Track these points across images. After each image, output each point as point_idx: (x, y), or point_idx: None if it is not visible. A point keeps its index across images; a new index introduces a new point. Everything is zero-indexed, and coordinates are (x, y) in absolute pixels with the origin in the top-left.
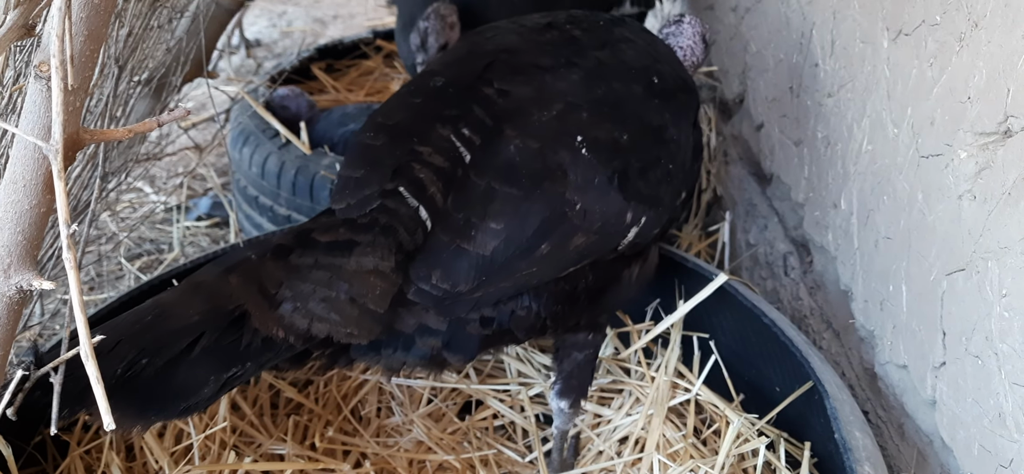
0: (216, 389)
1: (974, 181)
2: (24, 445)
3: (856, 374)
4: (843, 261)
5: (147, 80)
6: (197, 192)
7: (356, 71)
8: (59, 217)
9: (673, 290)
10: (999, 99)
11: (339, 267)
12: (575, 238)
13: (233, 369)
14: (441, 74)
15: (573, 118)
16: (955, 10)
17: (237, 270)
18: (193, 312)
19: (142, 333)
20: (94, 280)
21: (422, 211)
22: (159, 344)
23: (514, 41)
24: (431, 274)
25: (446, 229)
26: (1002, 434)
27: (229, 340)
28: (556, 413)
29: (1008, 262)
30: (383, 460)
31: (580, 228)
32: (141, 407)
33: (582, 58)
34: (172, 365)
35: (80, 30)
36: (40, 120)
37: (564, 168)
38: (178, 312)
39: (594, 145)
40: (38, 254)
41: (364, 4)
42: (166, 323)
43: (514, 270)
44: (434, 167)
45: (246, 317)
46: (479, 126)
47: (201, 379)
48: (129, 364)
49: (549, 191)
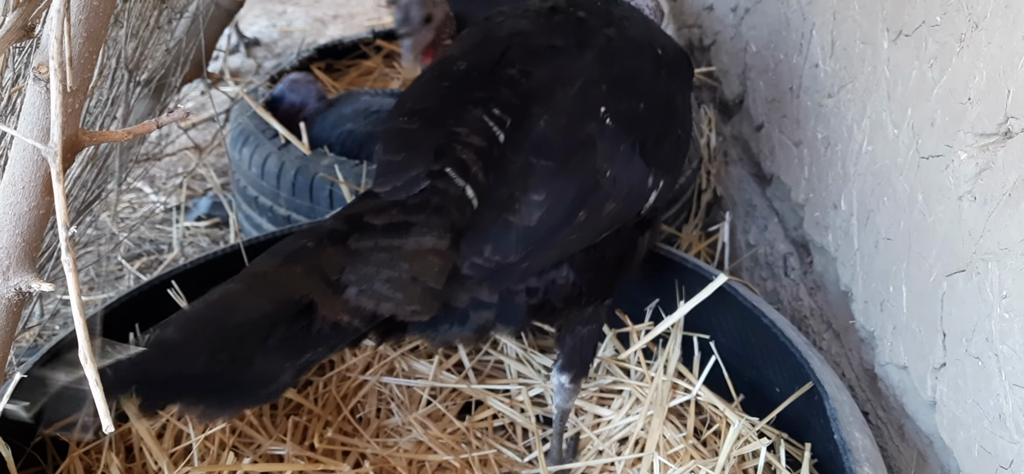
0: (293, 375)
1: (974, 182)
2: (24, 446)
3: (856, 375)
4: (843, 262)
5: (147, 81)
6: (197, 192)
7: (356, 71)
8: (58, 219)
9: (673, 290)
10: (999, 100)
11: (399, 248)
12: (607, 204)
13: (306, 355)
14: (463, 59)
15: (594, 93)
16: (955, 11)
17: (298, 259)
18: (263, 304)
19: (217, 330)
20: (93, 280)
21: (469, 190)
22: (235, 340)
23: (526, 25)
24: (483, 248)
25: (492, 205)
26: (1002, 435)
27: (299, 328)
28: (556, 390)
29: (1008, 263)
30: (382, 460)
31: (611, 195)
32: (223, 400)
33: (592, 37)
34: (249, 358)
35: (79, 32)
36: (39, 122)
37: (593, 139)
38: (248, 306)
39: (617, 116)
40: (37, 256)
41: (364, 4)
42: (237, 317)
43: (557, 238)
44: (474, 147)
45: (313, 306)
46: (509, 106)
47: (277, 368)
48: (209, 362)
49: (582, 162)
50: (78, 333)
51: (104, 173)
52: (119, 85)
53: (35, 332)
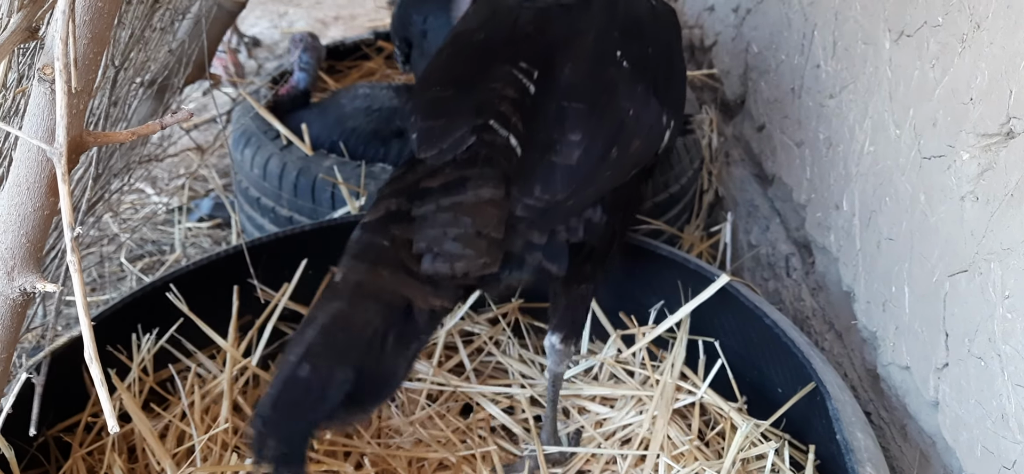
0: (407, 365)
1: (976, 182)
2: (27, 446)
3: (858, 375)
4: (845, 262)
5: (149, 82)
6: (199, 193)
7: (357, 72)
8: (64, 220)
9: (677, 291)
10: (1001, 100)
11: (460, 203)
12: (633, 142)
13: (414, 345)
14: (479, 30)
15: (608, 40)
16: (957, 11)
17: (382, 264)
18: (373, 319)
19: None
20: (96, 281)
21: (512, 139)
22: (362, 357)
23: None
24: (534, 189)
25: (535, 149)
26: (1005, 436)
27: (405, 327)
28: (548, 352)
29: (1011, 263)
30: (383, 460)
31: (636, 133)
32: (361, 406)
33: None
34: (375, 368)
35: (84, 33)
36: (44, 123)
37: (614, 82)
38: (361, 325)
39: (632, 60)
40: (41, 256)
41: (365, 5)
42: (357, 340)
43: (595, 176)
44: (510, 99)
45: (411, 304)
46: (534, 59)
47: (395, 365)
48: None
49: (609, 102)
50: (83, 334)
51: (107, 174)
52: (122, 86)
53: (38, 333)
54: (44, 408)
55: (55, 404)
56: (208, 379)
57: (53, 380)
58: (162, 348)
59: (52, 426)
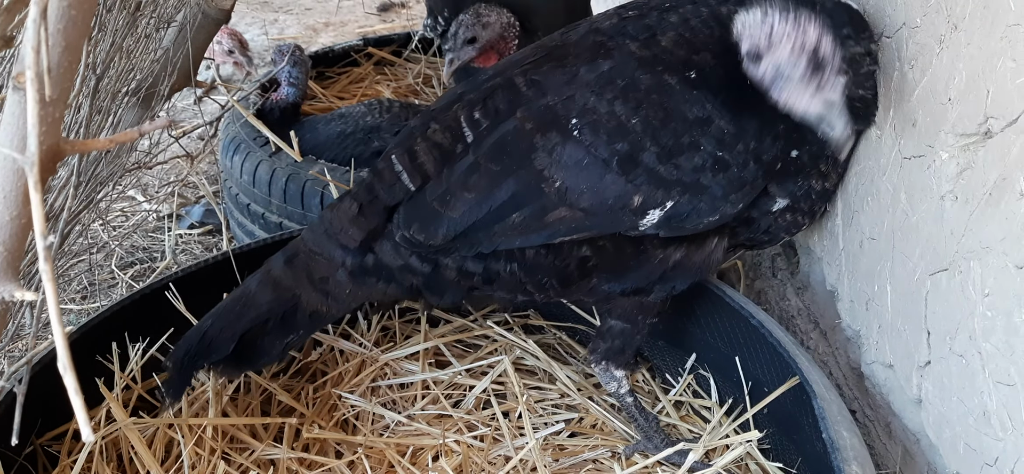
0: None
1: (956, 181)
2: (15, 456)
3: (843, 374)
4: (829, 262)
5: (135, 90)
6: (189, 200)
7: (347, 78)
8: (36, 229)
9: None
10: (979, 100)
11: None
12: (555, 211)
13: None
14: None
15: (569, 103)
16: (935, 13)
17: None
18: (264, 303)
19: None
20: (86, 289)
21: (405, 176)
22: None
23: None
24: (412, 226)
25: (436, 192)
26: (987, 432)
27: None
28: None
29: (990, 261)
30: (376, 451)
31: (563, 204)
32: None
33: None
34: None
35: (57, 41)
36: (19, 132)
37: (539, 148)
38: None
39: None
40: (20, 265)
41: (355, 12)
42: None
43: (482, 234)
44: (433, 142)
45: (298, 301)
46: (492, 112)
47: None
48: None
49: (522, 167)
50: (57, 342)
51: (93, 182)
52: (105, 94)
53: (27, 341)
54: (32, 417)
55: (43, 413)
56: (196, 386)
57: (40, 389)
58: (151, 356)
59: (40, 435)
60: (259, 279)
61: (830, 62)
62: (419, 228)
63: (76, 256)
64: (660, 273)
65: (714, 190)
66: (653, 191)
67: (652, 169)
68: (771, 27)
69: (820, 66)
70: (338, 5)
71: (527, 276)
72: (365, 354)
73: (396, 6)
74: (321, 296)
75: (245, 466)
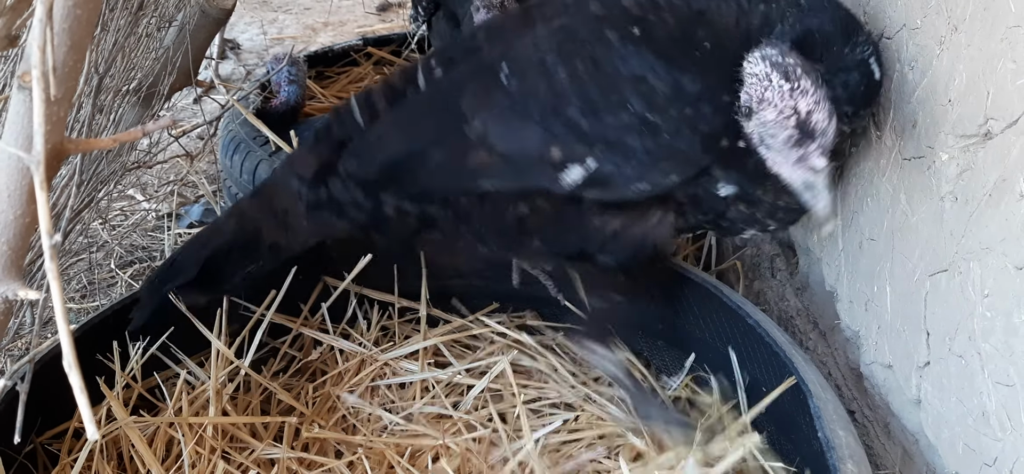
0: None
1: (956, 182)
2: (15, 455)
3: (842, 374)
4: (828, 262)
5: (135, 89)
6: (188, 199)
7: (346, 78)
8: (41, 228)
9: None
10: (979, 102)
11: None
12: (474, 155)
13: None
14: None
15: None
16: (935, 14)
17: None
18: (228, 232)
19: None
20: (86, 288)
21: (358, 114)
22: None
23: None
24: (352, 161)
25: (376, 131)
26: (986, 433)
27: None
28: None
29: (990, 262)
30: (376, 451)
31: (480, 146)
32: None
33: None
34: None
35: (63, 41)
36: (24, 131)
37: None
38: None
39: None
40: (24, 264)
41: (354, 11)
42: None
43: (410, 170)
44: (389, 84)
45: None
46: (448, 62)
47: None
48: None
49: (446, 107)
50: (62, 341)
51: (95, 181)
52: (107, 94)
53: (28, 340)
54: (32, 415)
55: (43, 412)
56: (197, 385)
57: (41, 387)
58: (151, 355)
59: (40, 433)
60: (228, 211)
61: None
62: (357, 163)
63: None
64: (599, 242)
65: (640, 155)
66: (573, 145)
67: (574, 122)
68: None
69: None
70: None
71: (464, 224)
72: (365, 354)
73: (395, 6)
74: (281, 228)
75: (245, 465)
